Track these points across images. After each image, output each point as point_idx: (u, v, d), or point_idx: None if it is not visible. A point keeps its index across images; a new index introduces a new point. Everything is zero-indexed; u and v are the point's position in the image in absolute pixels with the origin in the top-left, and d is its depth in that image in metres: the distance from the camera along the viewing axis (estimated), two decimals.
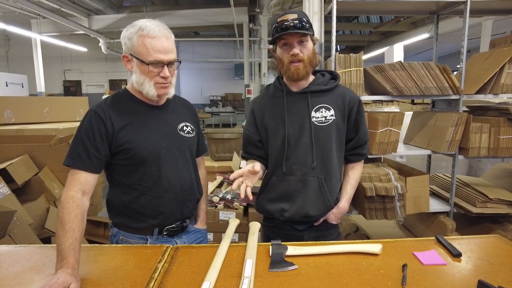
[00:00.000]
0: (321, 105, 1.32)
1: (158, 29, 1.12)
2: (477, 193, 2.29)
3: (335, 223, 1.40)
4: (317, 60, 1.32)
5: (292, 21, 1.20)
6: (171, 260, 1.06)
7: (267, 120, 1.37)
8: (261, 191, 1.44)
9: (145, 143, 1.19)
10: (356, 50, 13.41)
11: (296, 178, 1.33)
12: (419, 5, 2.50)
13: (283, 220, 1.37)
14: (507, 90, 2.21)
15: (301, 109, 1.33)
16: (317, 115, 1.31)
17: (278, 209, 1.36)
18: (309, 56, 1.27)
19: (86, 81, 14.28)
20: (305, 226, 1.38)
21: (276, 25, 1.24)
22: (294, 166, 1.32)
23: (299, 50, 1.25)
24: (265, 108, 1.39)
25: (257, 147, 1.41)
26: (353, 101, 1.35)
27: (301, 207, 1.33)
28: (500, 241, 1.16)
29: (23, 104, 3.45)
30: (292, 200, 1.34)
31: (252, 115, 1.42)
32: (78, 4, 8.93)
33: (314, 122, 1.31)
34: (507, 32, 4.00)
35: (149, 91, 1.17)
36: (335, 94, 1.35)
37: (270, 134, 1.36)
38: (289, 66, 1.27)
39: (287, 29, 1.21)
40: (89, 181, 1.11)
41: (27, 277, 0.97)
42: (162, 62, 1.13)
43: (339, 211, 1.38)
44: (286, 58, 1.27)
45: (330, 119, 1.32)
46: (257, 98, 1.47)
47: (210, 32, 13.74)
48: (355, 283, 0.91)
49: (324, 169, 1.33)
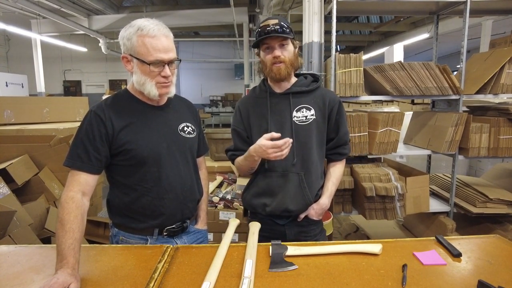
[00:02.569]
0: (302, 105, 1.39)
1: (157, 28, 1.12)
2: (477, 193, 2.29)
3: (316, 218, 1.44)
4: (298, 62, 1.40)
5: (273, 26, 1.28)
6: (171, 260, 1.06)
7: (251, 119, 1.44)
8: (247, 187, 1.51)
9: (146, 144, 1.18)
10: (356, 50, 13.41)
11: (277, 174, 1.39)
12: (419, 5, 2.50)
13: (265, 215, 1.42)
14: (507, 90, 2.21)
15: (283, 109, 1.40)
16: (298, 115, 1.39)
17: (261, 203, 1.42)
18: (290, 58, 1.34)
19: (86, 81, 14.27)
20: (286, 221, 1.43)
21: (259, 30, 1.32)
22: (276, 163, 1.37)
23: (280, 53, 1.32)
24: (250, 107, 1.46)
25: (246, 143, 1.46)
26: (333, 102, 1.41)
27: (281, 202, 1.38)
28: (500, 241, 1.16)
29: (23, 104, 3.45)
30: (274, 195, 1.40)
31: (239, 113, 1.49)
32: (78, 4, 8.93)
33: (295, 122, 1.38)
34: (507, 32, 4.00)
35: (150, 91, 1.17)
36: (316, 95, 1.42)
37: (254, 132, 1.43)
38: (271, 67, 1.34)
39: (269, 33, 1.28)
40: (89, 182, 1.12)
41: (27, 277, 0.97)
42: (162, 62, 1.13)
43: (319, 207, 1.42)
44: (269, 60, 1.34)
45: (310, 118, 1.38)
46: (244, 98, 1.54)
47: (210, 32, 13.73)
48: (355, 283, 0.91)
49: (304, 166, 1.39)
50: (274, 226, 1.43)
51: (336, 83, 2.20)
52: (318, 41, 2.54)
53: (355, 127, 2.14)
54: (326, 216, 2.05)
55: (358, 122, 2.13)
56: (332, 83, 2.24)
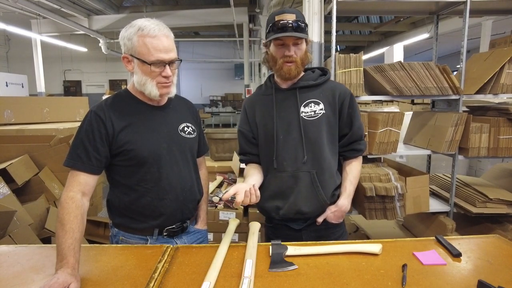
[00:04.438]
0: (310, 100, 1.33)
1: (158, 28, 1.12)
2: (477, 193, 2.29)
3: (335, 222, 1.36)
4: (308, 59, 1.34)
5: (290, 23, 1.21)
6: (171, 260, 1.06)
7: (257, 117, 1.40)
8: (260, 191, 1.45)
9: (146, 144, 1.18)
10: (356, 50, 13.40)
11: (288, 174, 1.32)
12: (419, 5, 2.50)
13: (279, 219, 1.37)
14: (507, 90, 2.21)
15: (290, 105, 1.34)
16: (306, 110, 1.32)
17: (273, 207, 1.35)
18: (301, 57, 1.29)
19: (86, 81, 14.28)
20: (302, 225, 1.36)
21: (274, 23, 1.25)
22: (285, 162, 1.32)
23: (293, 52, 1.26)
24: (256, 105, 1.41)
25: (253, 144, 1.43)
26: (343, 95, 1.34)
27: (294, 204, 1.31)
28: (500, 241, 1.16)
29: (23, 104, 3.45)
30: (286, 197, 1.32)
31: (245, 113, 1.45)
32: (78, 4, 8.93)
33: (303, 117, 1.32)
34: (507, 32, 4.00)
35: (151, 91, 1.17)
36: (324, 88, 1.35)
37: (260, 131, 1.38)
38: (282, 66, 1.29)
39: (285, 30, 1.22)
40: (89, 182, 1.12)
41: (27, 277, 0.97)
42: (163, 62, 1.13)
43: (338, 209, 1.33)
44: (280, 58, 1.29)
45: (319, 113, 1.32)
46: (250, 96, 1.50)
47: (210, 32, 13.74)
48: (355, 283, 0.91)
49: (316, 163, 1.31)
50: (289, 231, 1.36)
51: None
52: (318, 41, 2.54)
53: None
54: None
55: None
56: None
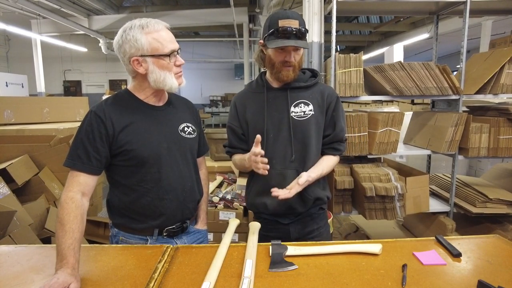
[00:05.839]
0: (300, 100, 1.37)
1: (157, 21, 1.15)
2: (477, 193, 2.29)
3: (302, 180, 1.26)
4: (303, 61, 1.38)
5: (294, 30, 1.24)
6: (171, 260, 1.06)
7: (248, 114, 1.41)
8: (248, 186, 1.49)
9: (146, 145, 1.18)
10: (356, 50, 13.40)
11: (276, 172, 1.36)
12: (419, 5, 2.50)
13: (268, 214, 1.41)
14: (506, 90, 2.21)
15: (280, 104, 1.37)
16: (296, 110, 1.36)
17: (262, 203, 1.40)
18: (299, 61, 1.33)
19: (86, 81, 14.27)
20: (290, 220, 1.41)
21: (277, 29, 1.25)
22: (274, 160, 1.35)
23: (293, 58, 1.30)
24: (246, 102, 1.43)
25: (241, 140, 1.45)
26: (331, 97, 1.40)
27: (281, 200, 1.31)
28: (500, 241, 1.16)
29: (23, 104, 3.45)
30: None
31: (235, 109, 1.46)
32: (78, 4, 8.92)
33: (293, 117, 1.36)
34: (507, 32, 4.00)
35: (172, 84, 1.18)
36: (314, 90, 1.40)
37: (251, 128, 1.40)
38: (280, 69, 1.32)
39: (288, 36, 1.24)
40: (89, 183, 1.12)
41: (27, 277, 0.97)
42: (175, 51, 1.16)
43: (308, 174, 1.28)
44: (279, 62, 1.31)
45: (308, 113, 1.36)
46: (240, 93, 1.51)
47: (210, 32, 13.72)
48: (355, 283, 0.91)
49: (303, 162, 1.36)
50: (278, 225, 1.42)
51: (336, 83, 2.20)
52: (318, 41, 2.54)
53: (355, 127, 2.14)
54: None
55: (358, 122, 2.13)
56: (332, 83, 2.24)
